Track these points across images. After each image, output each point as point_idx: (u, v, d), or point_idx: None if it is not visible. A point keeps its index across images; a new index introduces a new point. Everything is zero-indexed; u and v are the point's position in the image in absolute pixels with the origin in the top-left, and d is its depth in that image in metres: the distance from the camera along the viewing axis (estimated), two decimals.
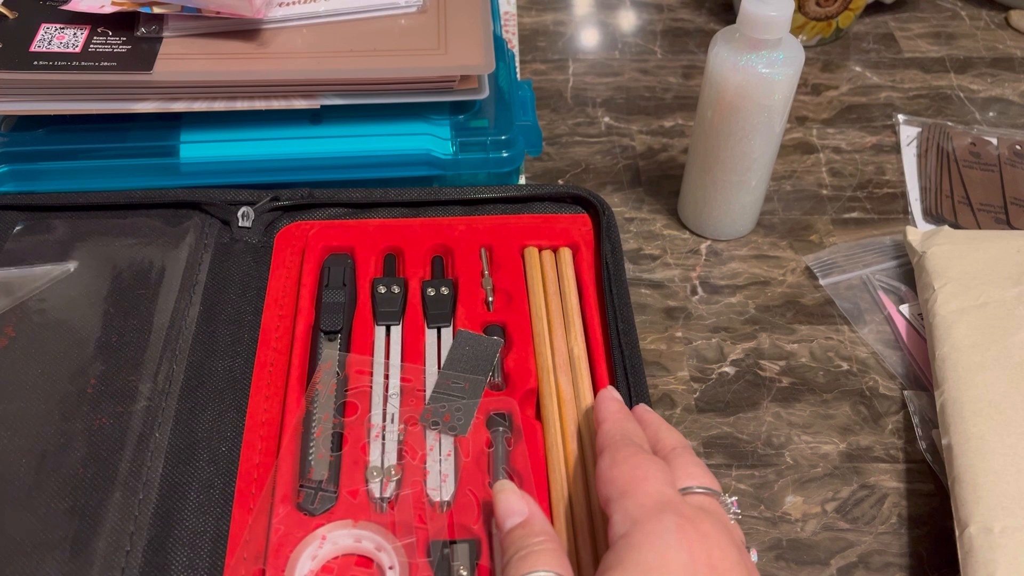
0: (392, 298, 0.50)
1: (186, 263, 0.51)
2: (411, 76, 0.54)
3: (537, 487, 0.42)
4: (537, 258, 0.53)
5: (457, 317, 0.50)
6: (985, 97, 0.73)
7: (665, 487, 0.36)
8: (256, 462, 0.44)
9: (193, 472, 0.43)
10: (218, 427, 0.45)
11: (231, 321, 0.49)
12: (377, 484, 0.42)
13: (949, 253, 0.54)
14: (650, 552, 0.33)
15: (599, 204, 0.55)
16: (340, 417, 0.44)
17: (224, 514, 0.42)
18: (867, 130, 0.70)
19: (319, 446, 0.43)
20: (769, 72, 0.50)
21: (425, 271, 0.53)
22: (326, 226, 0.54)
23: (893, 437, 0.50)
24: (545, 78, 0.74)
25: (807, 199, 0.64)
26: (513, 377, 0.47)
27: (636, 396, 0.45)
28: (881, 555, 0.45)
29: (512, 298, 0.51)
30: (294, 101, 0.54)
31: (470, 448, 0.44)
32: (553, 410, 0.46)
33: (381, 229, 0.54)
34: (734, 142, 0.54)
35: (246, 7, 0.53)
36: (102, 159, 0.55)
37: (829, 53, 0.77)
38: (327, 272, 0.51)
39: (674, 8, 0.82)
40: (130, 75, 0.52)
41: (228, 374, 0.47)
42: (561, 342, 0.49)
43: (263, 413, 0.45)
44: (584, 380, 0.47)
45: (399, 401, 0.45)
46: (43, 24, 0.55)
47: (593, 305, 0.51)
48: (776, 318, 0.56)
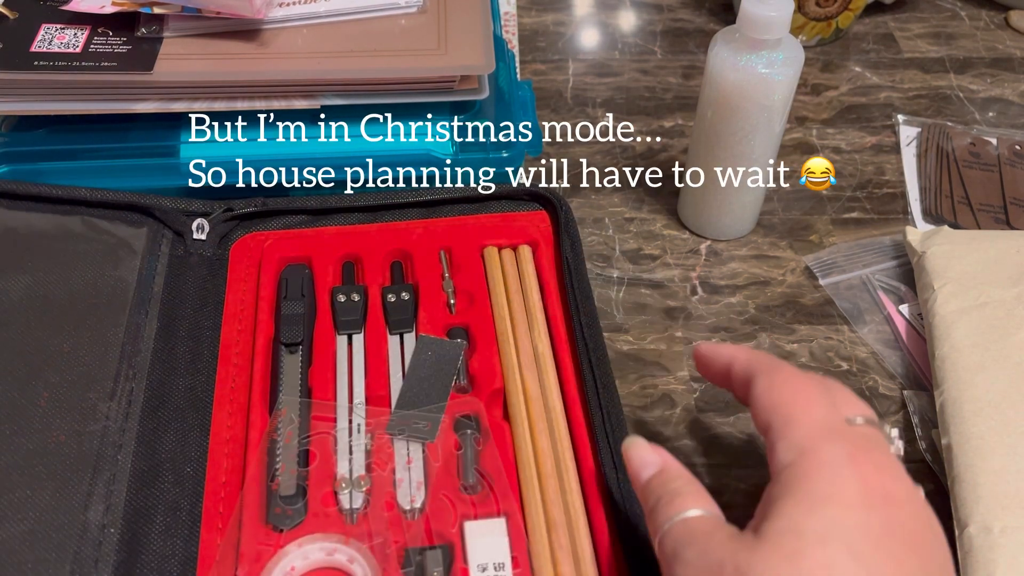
0: (352, 306, 0.50)
1: (140, 275, 0.50)
2: (411, 76, 0.54)
3: (510, 486, 0.42)
4: (497, 257, 0.53)
5: (419, 322, 0.50)
6: (985, 97, 0.73)
7: (832, 413, 0.34)
8: (223, 480, 0.43)
9: (158, 495, 0.42)
10: (182, 447, 0.44)
11: (189, 337, 0.49)
12: (347, 495, 0.42)
13: (949, 253, 0.54)
14: (821, 481, 0.31)
15: (556, 201, 0.55)
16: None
17: (192, 536, 0.41)
18: (867, 130, 0.70)
19: (286, 461, 0.43)
20: (769, 72, 0.50)
21: (385, 277, 0.52)
22: (281, 237, 0.54)
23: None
24: (545, 78, 0.74)
25: (807, 199, 0.64)
26: (479, 378, 0.47)
27: (603, 387, 0.46)
28: None
29: (474, 299, 0.51)
30: (294, 101, 0.54)
31: (439, 452, 0.43)
32: (520, 408, 0.46)
33: (338, 237, 0.54)
34: (734, 142, 0.54)
35: (246, 7, 0.53)
36: (102, 159, 0.55)
37: (829, 53, 0.77)
38: (285, 283, 0.51)
39: (674, 8, 0.82)
40: (130, 75, 0.52)
41: (190, 392, 0.46)
42: (525, 340, 0.49)
43: (227, 431, 0.45)
44: (550, 377, 0.47)
45: (364, 412, 0.45)
46: (43, 24, 0.55)
47: (556, 302, 0.51)
48: (776, 318, 0.56)
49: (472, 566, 0.39)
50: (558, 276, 0.52)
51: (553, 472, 0.43)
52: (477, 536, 0.40)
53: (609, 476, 0.43)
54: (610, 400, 0.46)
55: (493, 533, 0.40)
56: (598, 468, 0.43)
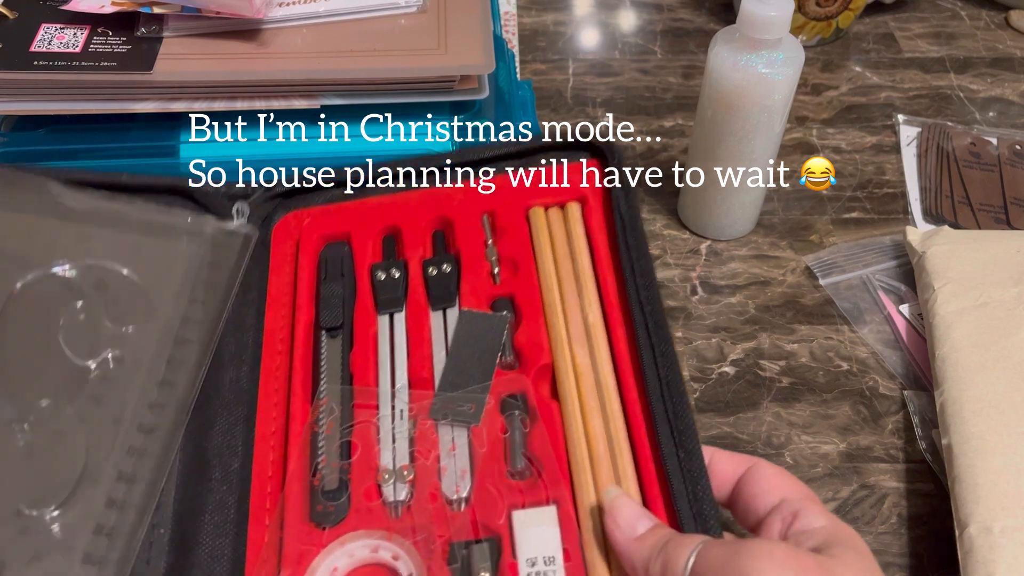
0: (393, 283, 0.47)
1: (185, 262, 0.48)
2: (411, 76, 0.54)
3: (560, 471, 0.40)
4: (543, 218, 0.49)
5: (462, 295, 0.47)
6: (985, 97, 0.73)
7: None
8: (269, 474, 0.41)
9: (206, 493, 0.41)
10: (228, 442, 0.42)
11: (235, 326, 0.47)
12: (390, 488, 0.40)
13: (949, 253, 0.54)
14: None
15: (608, 148, 0.50)
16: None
17: (240, 534, 0.39)
18: (867, 130, 0.70)
19: (328, 454, 0.41)
20: (769, 72, 0.50)
21: (425, 249, 0.50)
22: (321, 212, 0.51)
23: (893, 437, 0.50)
24: (545, 78, 0.74)
25: (807, 199, 0.64)
26: (525, 353, 0.44)
27: (661, 355, 0.42)
28: (881, 555, 0.45)
29: (519, 266, 0.47)
30: (294, 101, 0.54)
31: (484, 437, 0.41)
32: (570, 386, 0.42)
33: (378, 208, 0.51)
34: (734, 142, 0.54)
35: (246, 7, 0.53)
36: (102, 159, 0.55)
37: (829, 53, 0.77)
38: (324, 263, 0.49)
39: (674, 8, 0.82)
40: (130, 75, 0.52)
41: (235, 384, 0.45)
42: (575, 309, 0.45)
43: (272, 423, 0.43)
44: (602, 349, 0.43)
45: (407, 395, 0.43)
46: (43, 24, 0.55)
47: (607, 265, 0.46)
48: (776, 318, 0.56)
49: (521, 561, 0.37)
50: (609, 235, 0.48)
51: (606, 454, 0.40)
52: (526, 527, 0.38)
53: (667, 455, 0.39)
54: (670, 369, 0.41)
55: (543, 523, 0.38)
56: (654, 447, 0.40)
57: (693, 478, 0.38)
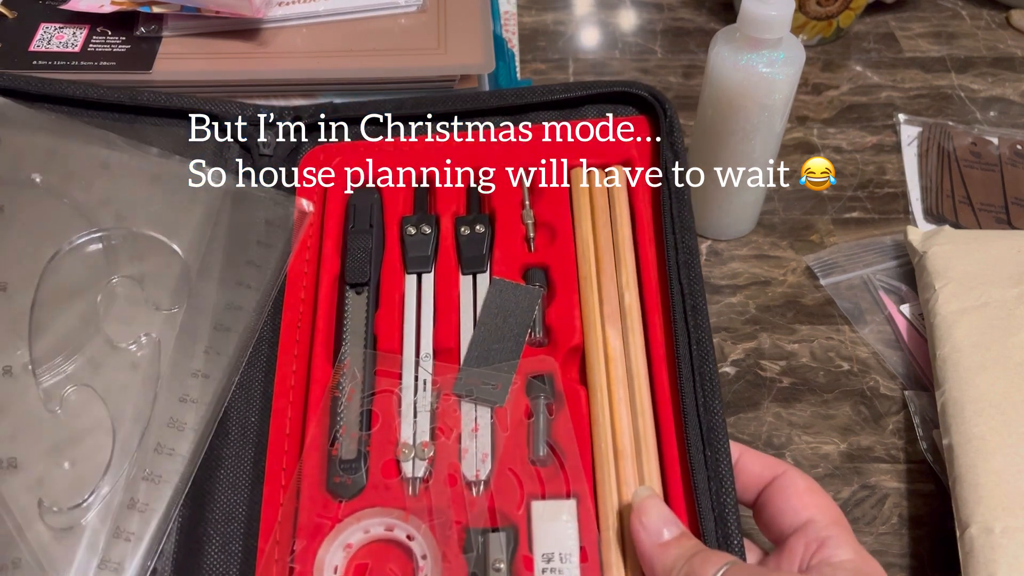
0: (423, 240, 0.44)
1: (206, 201, 0.45)
2: (411, 76, 0.54)
3: (582, 465, 0.39)
4: (586, 181, 0.46)
5: (494, 260, 0.44)
6: (986, 97, 0.73)
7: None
8: (287, 431, 0.40)
9: (223, 447, 0.40)
10: (246, 396, 0.41)
11: (256, 267, 0.44)
12: (409, 464, 0.39)
13: (950, 253, 0.54)
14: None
15: (660, 103, 0.46)
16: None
17: (256, 492, 0.39)
18: (868, 130, 0.70)
19: (348, 423, 0.40)
20: (769, 72, 0.50)
21: (459, 205, 0.47)
22: (352, 150, 0.48)
23: (894, 437, 0.50)
24: (545, 78, 0.74)
25: (808, 199, 0.64)
26: (556, 332, 0.42)
27: (696, 344, 0.40)
28: (882, 555, 0.45)
29: (556, 234, 0.45)
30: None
31: (508, 420, 0.39)
32: (600, 373, 0.40)
33: (411, 153, 0.48)
34: (734, 142, 0.54)
35: (246, 7, 0.53)
36: None
37: (829, 53, 0.77)
38: (353, 211, 0.46)
39: (674, 8, 0.82)
40: (129, 75, 0.52)
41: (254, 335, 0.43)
42: (611, 286, 0.42)
43: (291, 376, 0.41)
44: (636, 334, 0.41)
45: (431, 365, 0.41)
46: (42, 24, 0.55)
47: (648, 238, 0.44)
48: (776, 318, 0.56)
49: (537, 555, 0.36)
50: (653, 205, 0.45)
51: (631, 451, 0.39)
52: (544, 520, 0.37)
53: (694, 458, 0.37)
54: (704, 361, 0.39)
55: (561, 517, 0.37)
56: (681, 447, 0.38)
57: (719, 479, 0.37)
